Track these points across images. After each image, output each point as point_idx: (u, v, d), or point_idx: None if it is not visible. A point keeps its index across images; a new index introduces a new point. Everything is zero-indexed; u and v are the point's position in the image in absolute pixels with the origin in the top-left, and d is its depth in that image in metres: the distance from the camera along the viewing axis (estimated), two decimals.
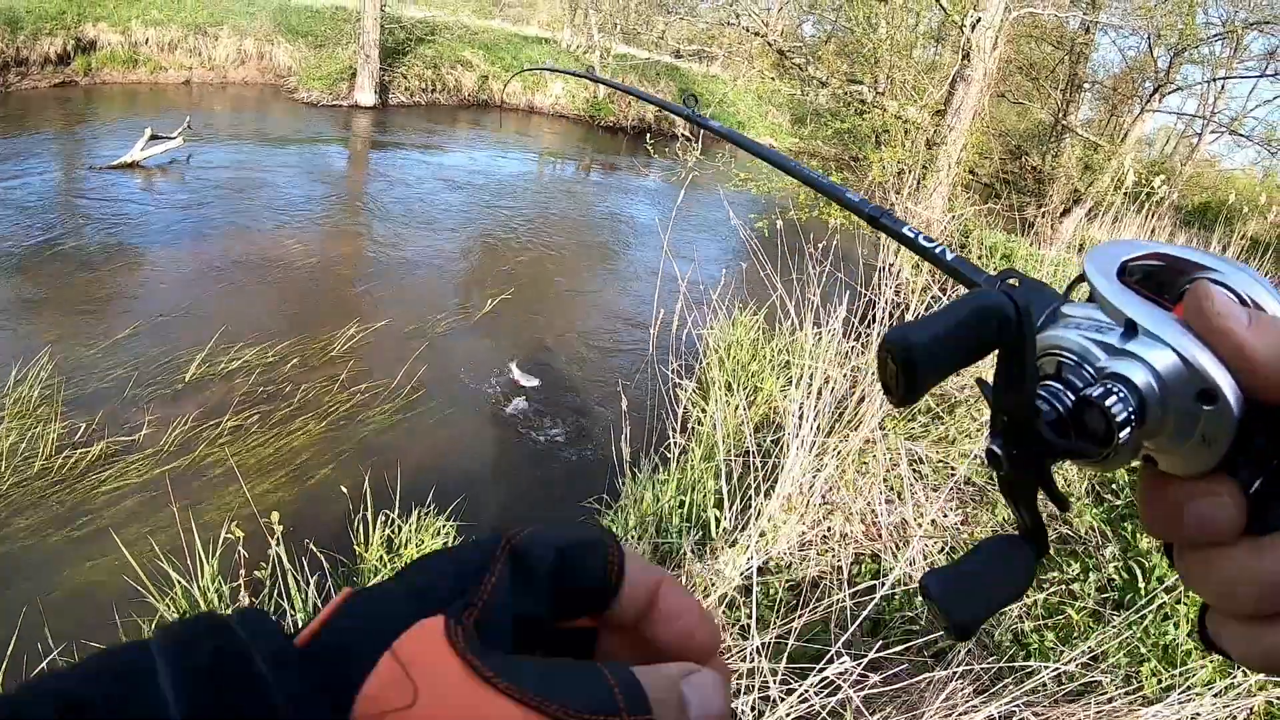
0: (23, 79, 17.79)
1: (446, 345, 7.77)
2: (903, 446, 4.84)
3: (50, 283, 8.54)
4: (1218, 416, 0.37)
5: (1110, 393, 0.39)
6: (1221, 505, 0.39)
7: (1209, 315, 0.38)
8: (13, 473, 5.55)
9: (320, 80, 19.41)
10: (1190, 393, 0.38)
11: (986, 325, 0.39)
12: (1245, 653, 0.40)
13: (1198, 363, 0.38)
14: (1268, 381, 0.36)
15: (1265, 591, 0.37)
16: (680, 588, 0.41)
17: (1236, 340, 0.37)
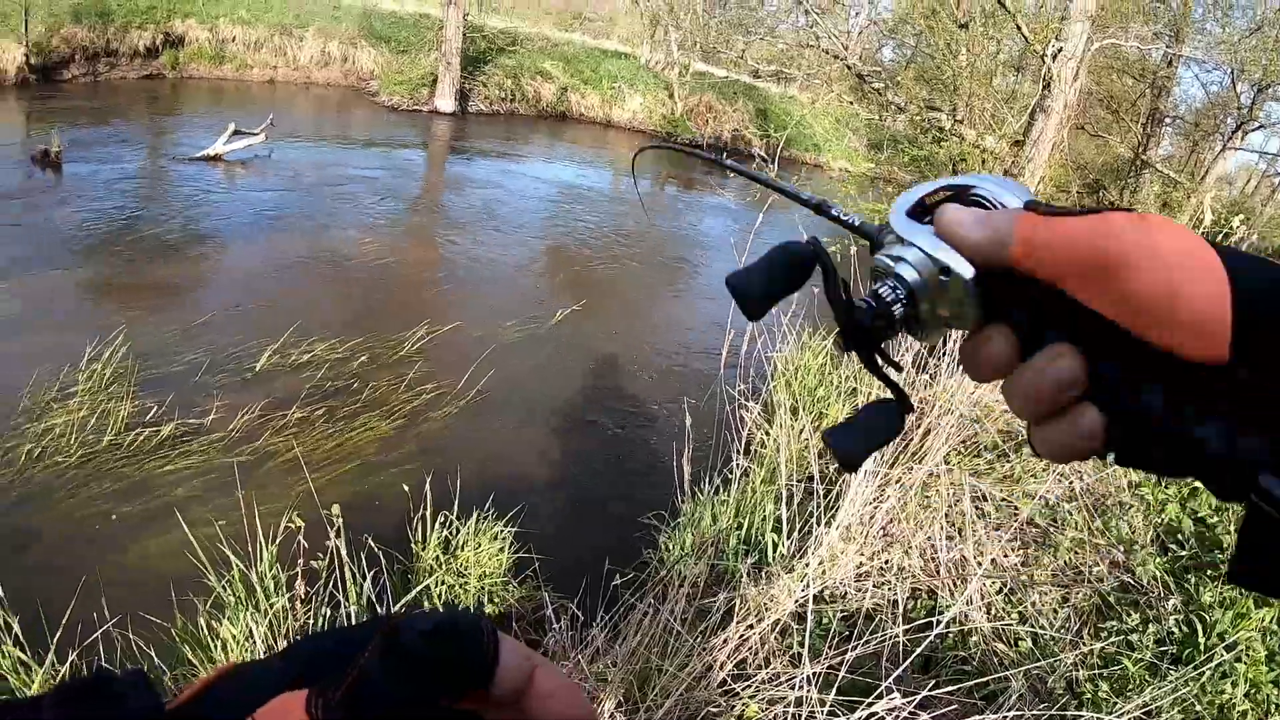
0: (112, 69, 18.30)
1: (514, 352, 7.84)
2: (966, 482, 4.77)
3: (130, 266, 8.79)
4: (958, 284, 0.53)
5: (885, 285, 0.56)
6: (994, 345, 0.53)
7: (943, 224, 0.54)
8: (81, 445, 5.72)
9: (402, 85, 19.68)
10: (936, 272, 0.54)
11: (796, 258, 0.58)
12: (1038, 448, 0.53)
13: (936, 254, 0.54)
14: (987, 259, 0.51)
15: (1029, 401, 0.51)
16: (556, 671, 0.42)
17: (958, 236, 0.53)
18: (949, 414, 5.01)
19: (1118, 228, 0.47)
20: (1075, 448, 0.50)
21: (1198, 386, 0.46)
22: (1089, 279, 0.47)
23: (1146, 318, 0.46)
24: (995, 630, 4.03)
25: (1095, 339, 0.49)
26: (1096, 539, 4.60)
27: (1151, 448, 0.49)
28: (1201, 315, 0.44)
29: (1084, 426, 0.49)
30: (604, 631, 3.85)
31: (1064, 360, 0.49)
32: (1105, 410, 0.49)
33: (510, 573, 4.56)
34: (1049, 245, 0.49)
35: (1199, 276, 0.45)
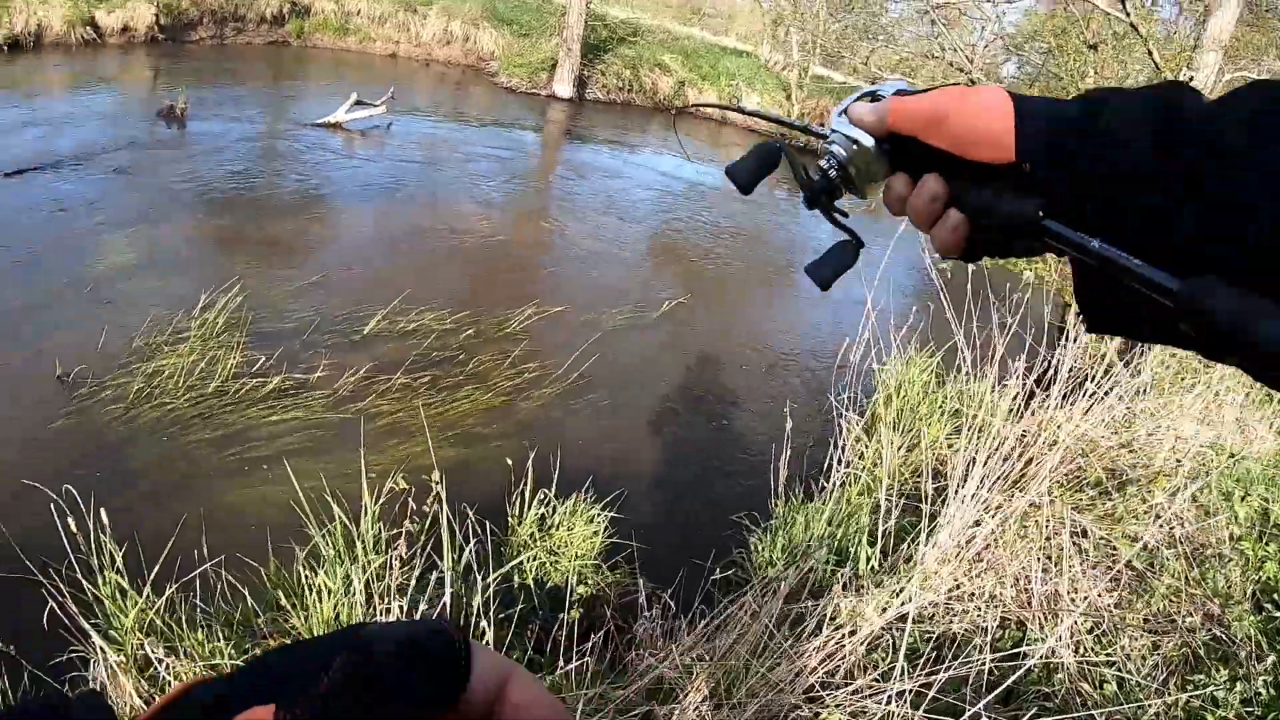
0: (239, 34, 18.80)
1: (618, 339, 7.89)
2: (1067, 516, 4.68)
3: (247, 222, 9.05)
4: (865, 150, 0.76)
5: (826, 160, 0.80)
6: (896, 186, 0.74)
7: (850, 116, 0.76)
8: (189, 389, 5.92)
9: (521, 68, 19.85)
10: (852, 145, 0.77)
11: (772, 154, 0.86)
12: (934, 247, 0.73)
13: (848, 133, 0.77)
14: (877, 131, 0.74)
15: (917, 215, 0.72)
16: (530, 679, 0.43)
17: (859, 120, 0.75)
18: (1055, 446, 4.92)
19: (944, 93, 0.69)
20: (951, 239, 0.71)
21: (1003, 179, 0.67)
22: (931, 128, 0.69)
23: (964, 144, 0.67)
24: (1081, 669, 3.96)
25: (947, 166, 0.70)
26: (1192, 589, 4.49)
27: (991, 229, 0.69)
28: (994, 134, 0.65)
29: (951, 222, 0.70)
30: (696, 624, 3.87)
31: (929, 183, 0.71)
32: (962, 209, 0.70)
33: (602, 556, 4.60)
34: (905, 112, 0.71)
35: (992, 110, 0.66)
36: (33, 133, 10.61)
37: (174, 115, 12.03)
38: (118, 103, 12.71)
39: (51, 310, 6.71)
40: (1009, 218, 0.67)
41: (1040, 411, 5.43)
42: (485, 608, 3.73)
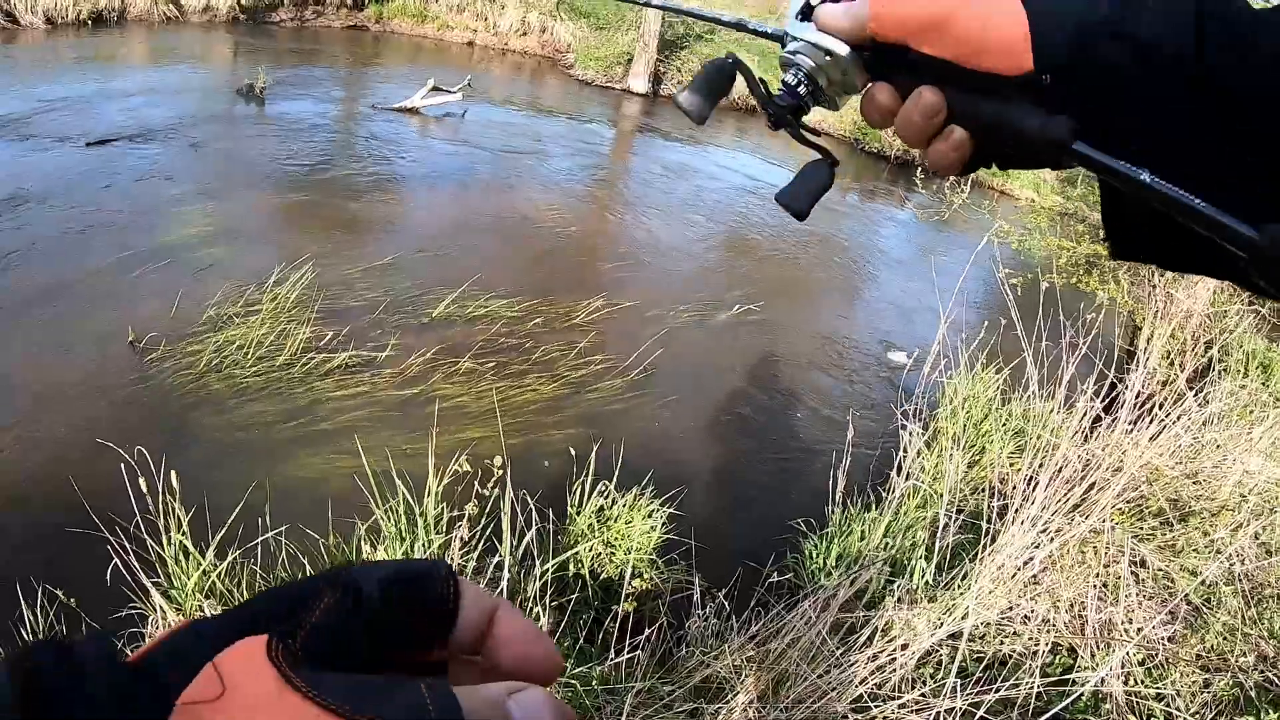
0: (318, 17, 19.10)
1: (685, 336, 7.88)
2: (1127, 544, 4.63)
3: (321, 201, 9.20)
4: (840, 59, 0.70)
5: (790, 74, 0.74)
6: (879, 97, 0.68)
7: (819, 20, 0.70)
8: (259, 360, 6.06)
9: (597, 61, 19.89)
10: (822, 55, 0.71)
11: (722, 72, 0.78)
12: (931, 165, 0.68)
13: (817, 41, 0.71)
14: (855, 37, 0.68)
15: (911, 131, 0.66)
16: (518, 613, 0.42)
17: (832, 25, 0.69)
18: (1119, 472, 4.86)
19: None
20: (952, 157, 0.66)
21: (1020, 92, 0.61)
22: (925, 34, 0.63)
23: (969, 52, 0.61)
24: (1130, 702, 3.93)
25: (945, 77, 0.64)
26: (1248, 628, 4.42)
27: (1000, 144, 0.64)
28: (1005, 40, 0.60)
29: (954, 139, 0.65)
30: (749, 626, 3.88)
31: (926, 96, 0.64)
32: (964, 125, 0.64)
33: (657, 552, 4.63)
34: (893, 16, 0.65)
35: (1002, 11, 0.60)
36: (115, 105, 10.89)
37: (253, 94, 12.25)
38: (198, 79, 12.98)
39: (128, 277, 6.90)
40: (1030, 138, 0.60)
41: (1106, 436, 5.37)
42: (540, 594, 3.78)
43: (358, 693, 0.31)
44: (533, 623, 0.43)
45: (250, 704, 0.30)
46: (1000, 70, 0.61)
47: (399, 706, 0.31)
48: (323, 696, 0.30)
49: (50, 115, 10.11)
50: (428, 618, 0.39)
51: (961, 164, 0.67)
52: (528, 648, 0.41)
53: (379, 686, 0.32)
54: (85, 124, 9.94)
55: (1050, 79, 0.60)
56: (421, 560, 0.41)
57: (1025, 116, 0.60)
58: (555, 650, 0.42)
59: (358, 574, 0.38)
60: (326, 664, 0.34)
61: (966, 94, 0.64)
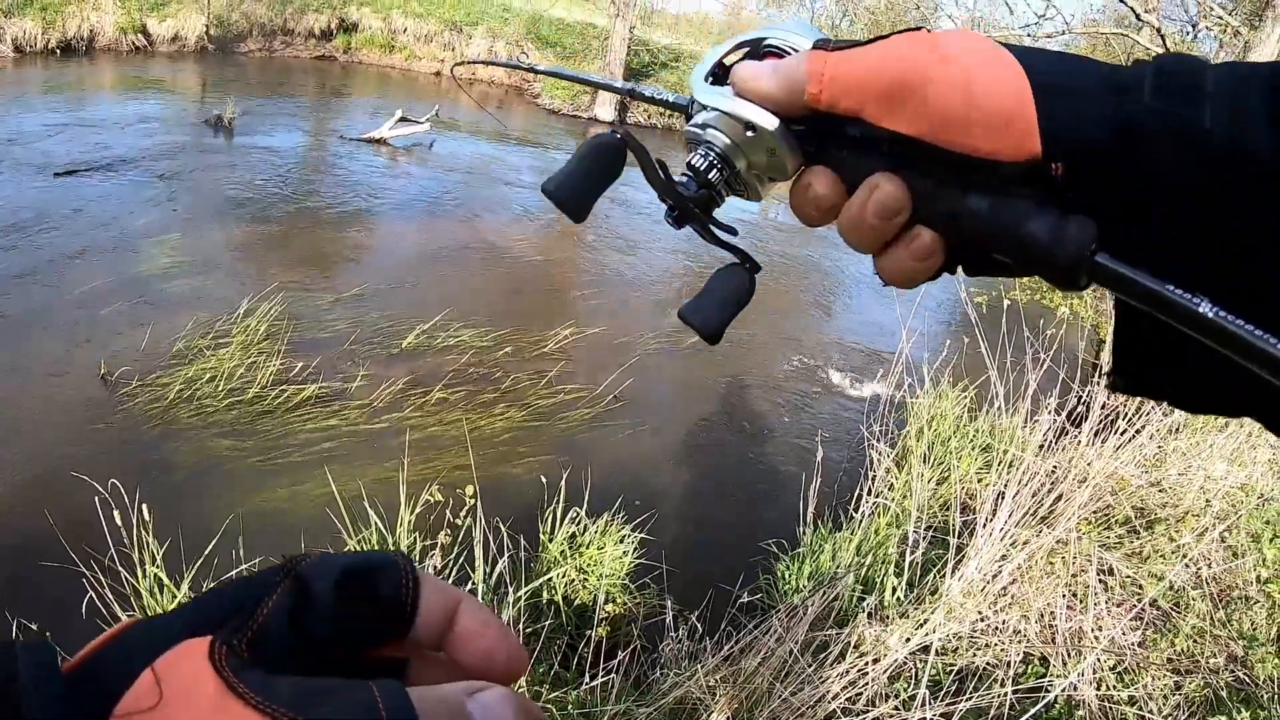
0: (286, 47, 19.27)
1: (654, 363, 7.93)
2: (1094, 553, 4.69)
3: (290, 232, 9.25)
4: (765, 134, 0.55)
5: (696, 154, 0.60)
6: (817, 187, 0.54)
7: (738, 83, 0.55)
8: (229, 394, 6.06)
9: (563, 90, 20.03)
10: (742, 130, 0.56)
11: (606, 153, 0.61)
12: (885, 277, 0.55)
13: (734, 111, 0.55)
14: (787, 106, 0.53)
15: (861, 235, 0.53)
16: (481, 608, 0.40)
17: (756, 90, 0.54)
18: (1084, 482, 4.93)
19: (905, 47, 0.48)
20: (917, 270, 0.52)
21: (1020, 185, 0.47)
22: (887, 103, 0.48)
23: (951, 127, 0.47)
24: (1103, 707, 3.97)
25: (910, 160, 0.50)
26: (1217, 630, 4.48)
27: (988, 253, 0.50)
28: (1002, 113, 0.46)
29: (919, 247, 0.51)
30: (723, 647, 3.90)
31: (884, 188, 0.50)
32: (935, 226, 0.51)
33: (630, 576, 4.65)
34: (841, 79, 0.50)
35: (996, 79, 0.46)
36: (84, 135, 10.98)
37: (222, 124, 12.33)
38: (167, 110, 13.07)
39: (98, 309, 6.92)
40: (1037, 247, 0.46)
41: (1071, 448, 5.43)
42: (514, 621, 3.79)
43: (304, 696, 0.30)
44: (497, 617, 0.41)
45: (188, 713, 0.29)
46: (992, 154, 0.47)
47: (347, 709, 0.30)
48: (266, 702, 0.29)
49: (17, 145, 10.17)
50: (384, 614, 0.37)
51: (928, 276, 0.53)
52: (491, 643, 0.39)
53: (327, 689, 0.31)
54: (53, 154, 10.00)
55: (1062, 169, 0.47)
56: (378, 553, 0.38)
57: (1028, 217, 0.46)
58: (520, 646, 0.41)
59: (308, 569, 0.36)
60: (275, 666, 0.32)
61: (940, 185, 0.49)
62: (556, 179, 0.59)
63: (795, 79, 0.51)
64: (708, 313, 0.61)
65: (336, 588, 0.35)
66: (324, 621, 0.35)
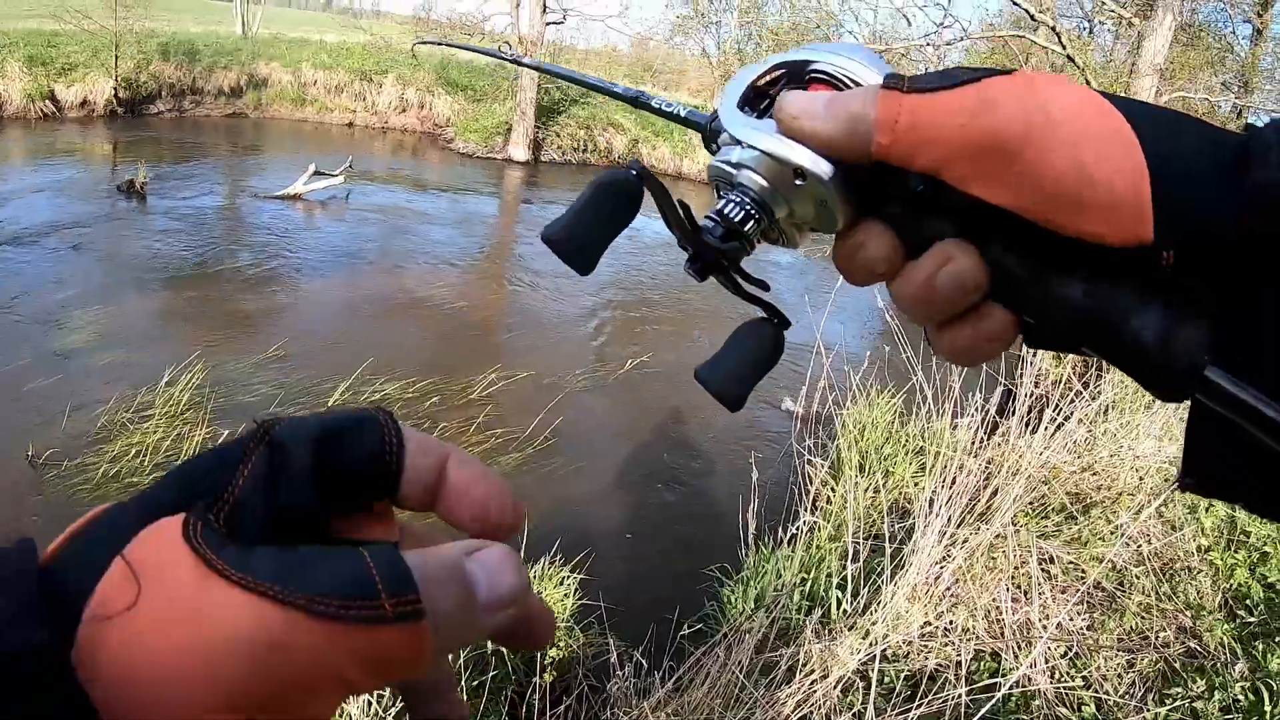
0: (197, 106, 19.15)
1: (582, 400, 7.90)
2: (1034, 544, 4.73)
3: (208, 297, 9.12)
4: (816, 184, 0.46)
5: (729, 201, 0.50)
6: (871, 247, 0.47)
7: (785, 119, 0.46)
8: (156, 468, 5.92)
9: (476, 133, 20.07)
10: (789, 177, 0.47)
11: (618, 193, 0.51)
12: (942, 354, 0.48)
13: (780, 154, 0.46)
14: (845, 153, 0.44)
15: (924, 308, 0.46)
16: (472, 459, 0.38)
17: (808, 130, 0.45)
18: (1018, 475, 4.98)
19: (1004, 98, 0.41)
20: (984, 350, 0.47)
21: (1123, 273, 0.41)
22: (978, 167, 0.41)
23: (1054, 203, 0.40)
24: (1059, 694, 3.98)
25: (992, 230, 0.44)
26: (1163, 604, 4.53)
27: (1077, 344, 0.44)
28: (1118, 193, 0.39)
29: (992, 329, 0.45)
30: (668, 681, 3.87)
31: (959, 261, 0.44)
32: (1013, 307, 0.44)
33: (574, 618, 4.60)
34: (922, 130, 0.42)
35: (1109, 148, 0.40)
36: None
37: (134, 190, 12.18)
38: (77, 177, 12.92)
39: (19, 388, 6.76)
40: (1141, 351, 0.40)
41: (1003, 442, 5.49)
42: (459, 676, 3.72)
43: (290, 568, 0.28)
44: (485, 466, 0.38)
45: (168, 604, 0.27)
46: (1097, 236, 0.40)
47: (338, 579, 0.28)
48: (249, 577, 0.27)
49: None
50: (368, 474, 0.35)
51: (995, 356, 0.47)
52: (484, 494, 0.37)
53: (314, 558, 0.29)
54: None
55: (1172, 258, 0.40)
56: (357, 408, 0.36)
57: (1133, 314, 0.40)
58: (516, 500, 0.38)
59: (284, 432, 0.33)
60: (256, 540, 0.30)
61: (1026, 264, 0.43)
62: (561, 225, 0.50)
63: (861, 123, 0.43)
64: (728, 375, 0.54)
65: (314, 450, 0.33)
66: (304, 488, 0.33)
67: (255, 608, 0.27)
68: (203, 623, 0.27)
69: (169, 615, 0.27)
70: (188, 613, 0.27)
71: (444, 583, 0.30)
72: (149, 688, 0.26)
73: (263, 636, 0.27)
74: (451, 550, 0.32)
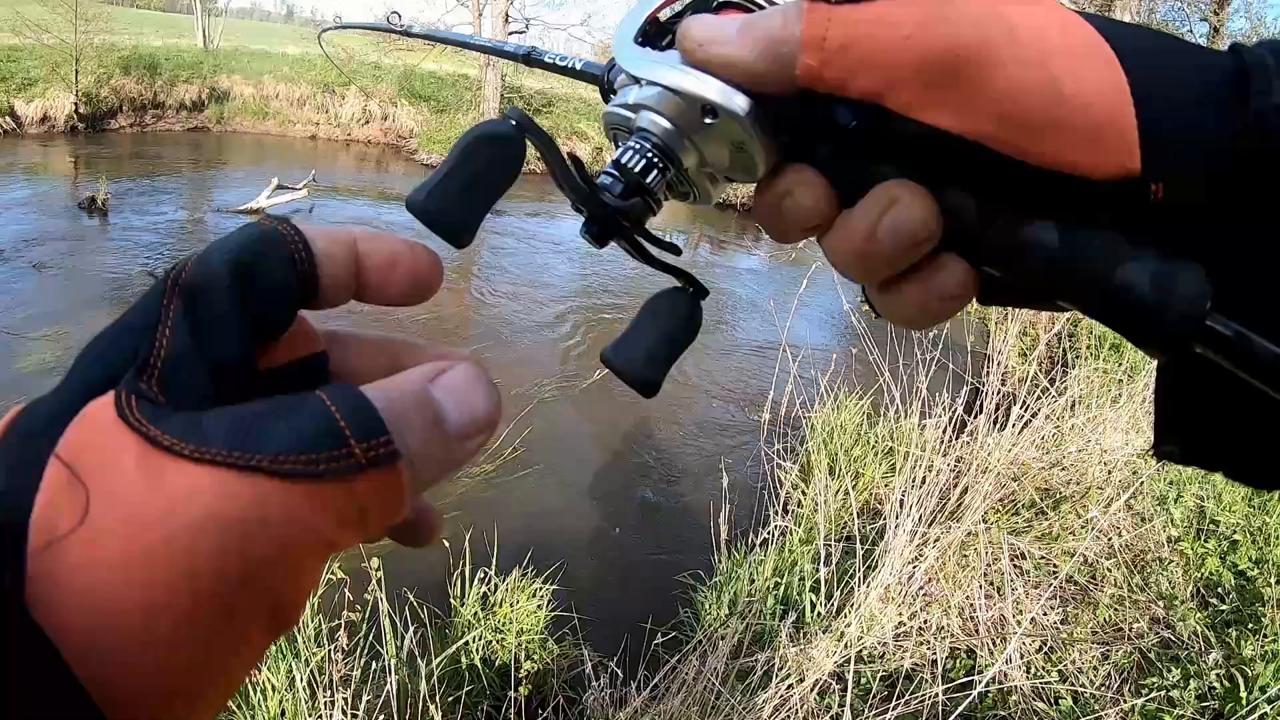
0: (158, 121, 19.02)
1: (551, 410, 7.85)
2: (1005, 541, 4.75)
3: None
4: (730, 122, 0.39)
5: (627, 149, 0.42)
6: (799, 196, 0.39)
7: (690, 48, 0.39)
8: None
9: (440, 144, 19.98)
10: (696, 115, 0.39)
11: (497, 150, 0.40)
12: (885, 314, 0.41)
13: (685, 88, 0.39)
14: (765, 82, 0.37)
15: (863, 263, 0.38)
16: (376, 233, 0.35)
17: (717, 58, 0.38)
18: (987, 472, 5.00)
19: (957, 3, 0.34)
20: (937, 311, 0.39)
21: (1106, 212, 0.35)
22: (928, 86, 0.34)
23: (1022, 127, 0.34)
24: (1035, 689, 4.00)
25: (945, 166, 0.37)
26: (1136, 595, 4.57)
27: (1050, 298, 0.38)
28: (1097, 115, 0.33)
29: (947, 285, 0.38)
30: (644, 690, 3.86)
31: (906, 205, 0.36)
32: (973, 257, 0.38)
33: (548, 630, 4.57)
34: (858, 47, 0.35)
35: (1084, 63, 0.33)
36: None
37: (95, 206, 12.01)
38: (38, 195, 12.75)
39: None
40: (1131, 301, 0.34)
41: (971, 440, 5.52)
42: (432, 694, 3.69)
43: (245, 429, 0.26)
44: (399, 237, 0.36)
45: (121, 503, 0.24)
46: (1072, 166, 0.34)
47: (301, 433, 0.26)
48: (203, 448, 0.25)
49: None
50: (285, 287, 0.32)
51: (951, 316, 0.40)
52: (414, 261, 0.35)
53: (269, 414, 0.27)
54: None
55: (1162, 192, 0.34)
56: (252, 230, 0.32)
57: (1121, 260, 0.34)
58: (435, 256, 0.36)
59: (195, 278, 0.30)
60: (195, 402, 0.28)
61: (988, 206, 0.36)
62: (428, 188, 0.39)
63: (783, 44, 0.36)
64: (636, 354, 0.45)
65: (232, 289, 0.30)
66: (231, 333, 0.30)
67: (217, 481, 0.25)
68: (163, 513, 0.24)
69: (125, 515, 0.24)
70: (145, 507, 0.24)
71: (411, 417, 0.29)
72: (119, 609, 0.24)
73: (231, 511, 0.25)
74: (413, 379, 0.30)
